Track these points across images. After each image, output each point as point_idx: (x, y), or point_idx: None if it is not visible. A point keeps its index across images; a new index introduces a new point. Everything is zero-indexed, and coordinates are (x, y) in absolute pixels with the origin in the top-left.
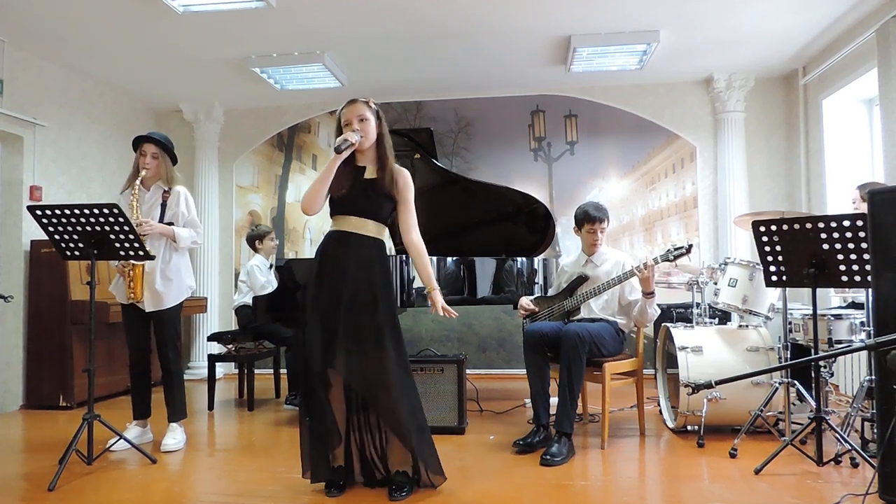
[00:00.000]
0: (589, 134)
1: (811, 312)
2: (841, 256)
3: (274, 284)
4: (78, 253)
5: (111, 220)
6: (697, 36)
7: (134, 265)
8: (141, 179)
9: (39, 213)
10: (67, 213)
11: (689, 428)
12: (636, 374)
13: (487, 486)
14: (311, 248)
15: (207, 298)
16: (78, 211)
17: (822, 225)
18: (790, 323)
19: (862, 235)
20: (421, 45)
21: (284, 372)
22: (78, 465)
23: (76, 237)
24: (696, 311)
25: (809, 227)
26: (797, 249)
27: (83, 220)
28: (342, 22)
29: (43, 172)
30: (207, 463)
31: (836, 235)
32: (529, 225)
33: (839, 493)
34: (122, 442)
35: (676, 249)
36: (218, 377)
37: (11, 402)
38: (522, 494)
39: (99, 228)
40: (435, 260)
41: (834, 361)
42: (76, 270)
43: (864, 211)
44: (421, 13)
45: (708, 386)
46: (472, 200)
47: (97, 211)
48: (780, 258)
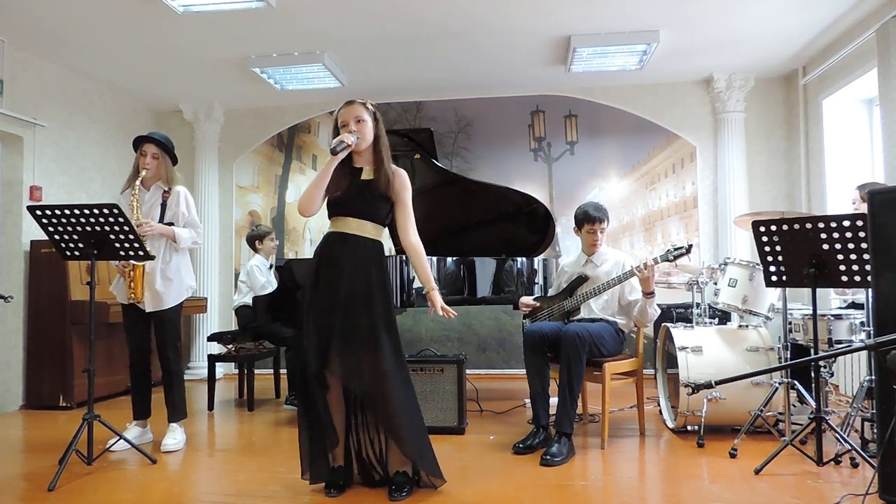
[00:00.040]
0: (589, 134)
1: (811, 312)
2: (841, 256)
3: (274, 285)
4: (78, 253)
5: (111, 220)
6: (697, 36)
7: (134, 265)
8: (141, 179)
9: (39, 213)
10: (67, 213)
11: (689, 428)
12: (636, 374)
13: (487, 486)
14: (311, 248)
15: (207, 298)
16: (78, 211)
17: (822, 225)
18: (790, 323)
19: (862, 235)
20: (421, 45)
21: (284, 372)
22: (78, 465)
23: (76, 237)
24: (696, 311)
25: (809, 227)
26: (797, 249)
27: (83, 220)
28: (342, 22)
29: (43, 172)
30: (207, 463)
31: (836, 235)
32: (529, 225)
33: (839, 493)
34: (122, 442)
35: (676, 249)
36: (218, 377)
37: (11, 402)
38: (522, 494)
39: (99, 228)
40: (435, 260)
41: (834, 361)
42: (76, 270)
43: (864, 211)
44: (421, 13)
45: (708, 386)
46: (472, 200)
47: (97, 211)
48: (780, 258)
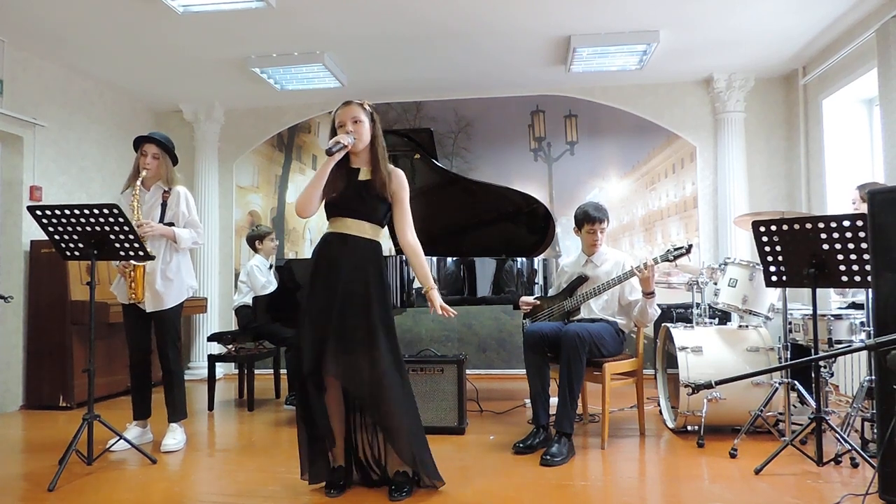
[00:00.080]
0: (589, 134)
1: (811, 312)
2: (841, 256)
3: (274, 285)
4: (78, 253)
5: (111, 220)
6: (697, 36)
7: (135, 266)
8: (141, 180)
9: (39, 213)
10: (67, 213)
11: (689, 428)
12: (636, 374)
13: (487, 486)
14: (311, 248)
15: (207, 298)
16: (78, 211)
17: (822, 225)
18: (790, 323)
19: (862, 235)
20: (421, 45)
21: (284, 372)
22: (78, 465)
23: (76, 237)
24: (696, 311)
25: (809, 227)
26: (797, 249)
27: (83, 220)
28: (342, 22)
29: (43, 172)
30: (207, 463)
31: (836, 235)
32: (529, 225)
33: (839, 493)
34: (122, 442)
35: (676, 249)
36: (218, 377)
37: (11, 402)
38: (522, 494)
39: (99, 229)
40: (435, 260)
41: (834, 361)
42: (76, 270)
43: (864, 211)
44: (421, 13)
45: (708, 386)
46: (472, 200)
47: (97, 211)
48: (780, 258)
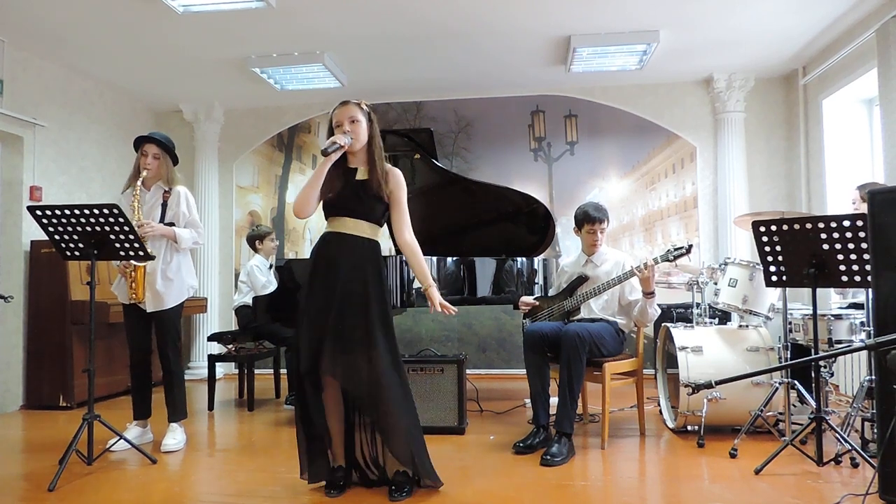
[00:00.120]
0: (589, 134)
1: (811, 312)
2: (841, 256)
3: (274, 285)
4: (78, 253)
5: (111, 220)
6: (697, 36)
7: (136, 266)
8: (142, 180)
9: (39, 213)
10: (67, 213)
11: (689, 428)
12: (636, 374)
13: (487, 486)
14: (311, 248)
15: (207, 298)
16: (78, 211)
17: (822, 225)
18: (790, 323)
19: (862, 235)
20: (421, 45)
21: (284, 372)
22: (78, 465)
23: (76, 237)
24: (696, 311)
25: (809, 227)
26: (797, 249)
27: (83, 220)
28: (342, 22)
29: (43, 172)
30: (207, 463)
31: (836, 235)
32: (529, 225)
33: (839, 493)
34: (122, 442)
35: (676, 249)
36: (218, 377)
37: (11, 402)
38: (522, 494)
39: (99, 229)
40: (435, 260)
41: (834, 361)
42: (76, 270)
43: (864, 211)
44: (421, 13)
45: (708, 386)
46: (472, 200)
47: (97, 211)
48: (780, 258)
